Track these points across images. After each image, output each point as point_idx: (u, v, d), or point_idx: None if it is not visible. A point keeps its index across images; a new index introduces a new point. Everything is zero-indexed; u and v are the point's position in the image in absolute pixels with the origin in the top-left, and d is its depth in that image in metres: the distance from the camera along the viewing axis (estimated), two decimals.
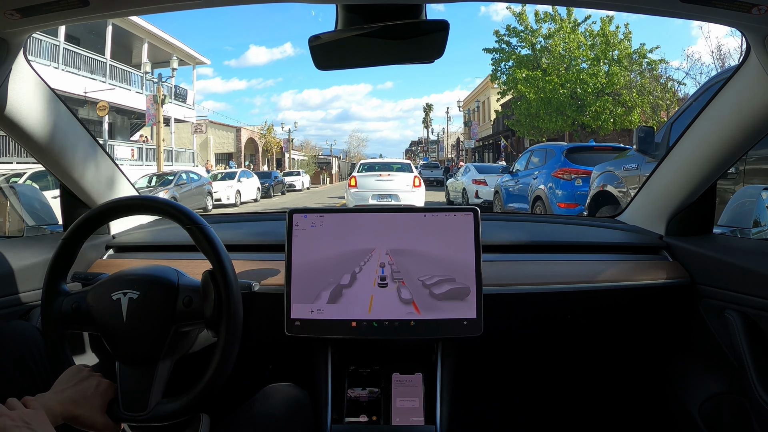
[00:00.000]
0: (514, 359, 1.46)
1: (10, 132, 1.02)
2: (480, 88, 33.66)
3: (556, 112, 15.75)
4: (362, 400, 1.09)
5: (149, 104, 15.86)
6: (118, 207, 0.88)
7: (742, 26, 0.80)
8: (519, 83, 15.95)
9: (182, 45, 19.57)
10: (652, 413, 1.31)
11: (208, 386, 0.77)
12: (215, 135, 26.98)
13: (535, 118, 16.41)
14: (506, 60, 16.67)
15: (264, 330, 1.14)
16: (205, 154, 24.90)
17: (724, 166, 1.08)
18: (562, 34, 15.32)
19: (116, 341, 0.80)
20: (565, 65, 15.47)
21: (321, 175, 36.72)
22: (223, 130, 27.98)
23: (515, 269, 1.16)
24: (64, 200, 1.25)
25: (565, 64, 15.46)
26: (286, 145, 33.36)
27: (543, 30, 15.79)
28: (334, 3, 0.77)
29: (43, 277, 0.82)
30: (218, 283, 0.79)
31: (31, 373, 0.84)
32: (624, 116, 14.96)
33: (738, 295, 1.02)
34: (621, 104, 15.00)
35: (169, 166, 16.84)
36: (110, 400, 0.77)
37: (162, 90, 16.00)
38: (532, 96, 15.80)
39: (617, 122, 15.15)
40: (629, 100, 14.68)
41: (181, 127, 21.55)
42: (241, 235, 1.37)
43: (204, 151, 24.97)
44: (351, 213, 1.09)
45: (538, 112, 16.05)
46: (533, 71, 15.70)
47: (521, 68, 15.85)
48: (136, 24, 16.06)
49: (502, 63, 16.77)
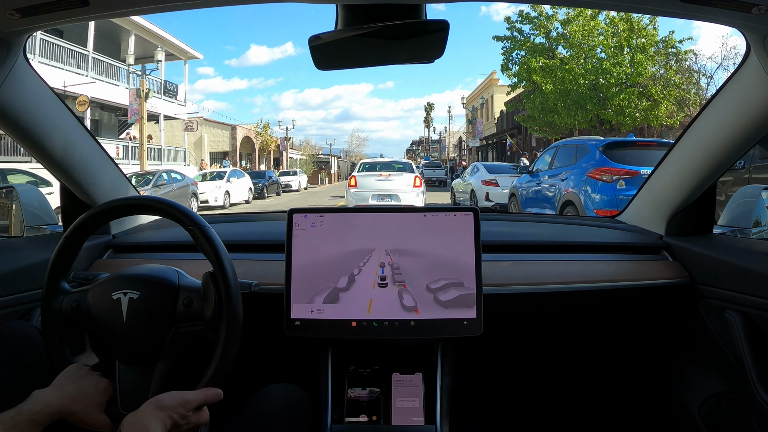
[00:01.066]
0: (514, 359, 1.46)
1: (10, 132, 1.02)
2: (484, 84, 32.64)
3: (575, 105, 14.15)
4: (362, 400, 1.09)
5: (132, 99, 14.78)
6: (122, 206, 0.88)
7: (742, 26, 0.80)
8: (534, 73, 14.33)
9: (173, 38, 18.43)
10: (652, 413, 1.31)
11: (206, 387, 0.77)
12: (210, 133, 25.63)
13: (550, 113, 14.91)
14: (518, 49, 15.27)
15: (264, 330, 1.14)
16: (200, 152, 23.97)
17: (724, 166, 1.08)
18: (580, 20, 13.89)
19: (116, 341, 0.80)
20: (584, 54, 14.04)
21: (319, 174, 34.86)
22: (218, 128, 26.66)
23: (515, 269, 1.16)
24: (64, 200, 1.24)
25: (584, 53, 14.07)
26: (283, 143, 32.03)
27: (560, 15, 14.37)
28: (334, 3, 0.77)
29: (43, 278, 0.82)
30: (219, 285, 0.79)
31: (31, 373, 0.84)
32: (650, 111, 13.44)
33: (738, 295, 1.02)
34: (647, 97, 13.49)
35: (157, 165, 15.82)
36: (109, 399, 0.77)
37: (146, 84, 14.88)
38: (548, 87, 14.19)
39: (642, 118, 13.67)
40: (656, 92, 13.27)
41: (175, 124, 20.63)
42: (241, 235, 1.37)
43: (198, 149, 24.15)
44: (351, 213, 1.09)
45: (555, 105, 14.51)
46: (549, 60, 14.33)
47: (536, 57, 14.45)
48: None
49: (514, 52, 15.39)
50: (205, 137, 24.69)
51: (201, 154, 23.75)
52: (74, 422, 0.72)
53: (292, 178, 24.56)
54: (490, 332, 1.02)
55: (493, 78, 29.88)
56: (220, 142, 26.48)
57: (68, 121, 1.12)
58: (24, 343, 0.86)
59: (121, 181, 1.32)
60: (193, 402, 0.71)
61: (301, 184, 25.35)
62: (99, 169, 1.24)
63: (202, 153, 24.10)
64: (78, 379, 0.75)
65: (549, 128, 15.84)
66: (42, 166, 1.14)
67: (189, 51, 19.90)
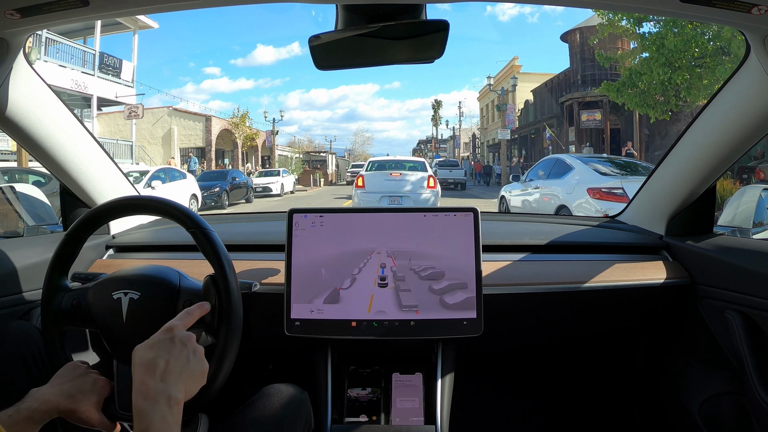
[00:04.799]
0: (513, 359, 1.46)
1: (10, 132, 1.02)
2: (503, 72, 26.66)
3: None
4: (362, 400, 1.10)
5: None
6: (127, 206, 0.88)
7: (742, 26, 0.80)
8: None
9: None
10: (653, 413, 1.31)
11: (205, 389, 0.77)
12: (180, 125, 21.09)
13: (677, 72, 10.25)
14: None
15: (264, 330, 1.14)
16: (169, 148, 20.09)
17: (724, 166, 1.08)
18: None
19: (115, 340, 0.80)
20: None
21: (313, 174, 27.35)
22: (190, 120, 21.63)
23: (515, 269, 1.16)
24: (64, 200, 1.25)
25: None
26: (270, 137, 26.79)
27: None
28: (334, 3, 0.77)
29: (43, 277, 0.82)
30: (219, 289, 0.79)
31: (31, 373, 0.84)
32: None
33: (738, 295, 1.02)
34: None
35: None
36: (106, 398, 0.77)
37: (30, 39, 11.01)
38: (671, 41, 9.91)
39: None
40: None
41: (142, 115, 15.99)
42: (241, 235, 1.37)
43: (167, 145, 20.27)
44: (351, 213, 1.09)
45: (689, 56, 9.88)
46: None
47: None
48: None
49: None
50: (175, 130, 20.91)
51: (171, 151, 20.16)
52: (71, 420, 0.72)
53: (273, 180, 19.35)
54: (490, 332, 1.02)
55: (515, 65, 25.99)
56: (193, 136, 21.91)
57: (68, 121, 1.12)
58: (24, 343, 0.86)
59: (121, 181, 1.32)
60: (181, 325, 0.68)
61: (285, 186, 19.98)
62: (99, 169, 1.24)
63: (171, 149, 20.43)
64: (76, 377, 0.75)
65: (661, 103, 11.24)
66: (42, 166, 1.14)
67: (140, 19, 15.18)
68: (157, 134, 20.93)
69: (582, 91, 18.40)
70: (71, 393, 0.72)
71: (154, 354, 0.62)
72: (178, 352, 0.63)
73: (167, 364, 0.61)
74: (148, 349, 0.62)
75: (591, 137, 18.17)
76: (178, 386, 0.60)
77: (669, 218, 1.23)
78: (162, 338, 0.64)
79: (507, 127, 21.08)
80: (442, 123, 45.10)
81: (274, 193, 18.74)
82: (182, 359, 0.63)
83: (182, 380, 0.61)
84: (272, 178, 19.48)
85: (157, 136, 20.94)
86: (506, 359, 1.45)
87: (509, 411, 1.46)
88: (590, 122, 18.04)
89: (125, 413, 0.76)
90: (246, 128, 24.36)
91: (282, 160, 29.03)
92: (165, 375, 0.60)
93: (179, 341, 0.64)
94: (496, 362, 1.46)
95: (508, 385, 1.48)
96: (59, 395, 0.71)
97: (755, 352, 1.01)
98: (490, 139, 31.47)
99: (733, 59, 9.77)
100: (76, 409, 0.72)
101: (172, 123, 20.85)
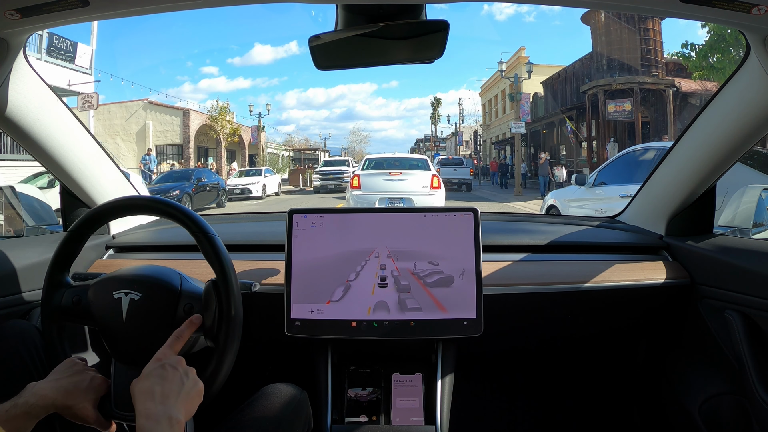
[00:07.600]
0: (513, 359, 1.46)
1: (10, 132, 1.02)
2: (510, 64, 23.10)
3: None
4: (362, 400, 1.10)
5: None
6: (131, 205, 0.88)
7: (742, 26, 0.80)
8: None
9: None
10: (653, 413, 1.31)
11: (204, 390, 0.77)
12: (156, 120, 19.45)
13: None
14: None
15: (264, 330, 1.14)
16: (144, 146, 18.23)
17: (724, 166, 1.08)
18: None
19: (114, 339, 0.80)
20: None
21: (303, 174, 23.03)
22: (167, 114, 19.72)
23: (515, 269, 1.16)
24: (64, 200, 1.25)
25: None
26: (255, 133, 24.31)
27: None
28: (334, 3, 0.77)
29: (43, 278, 0.82)
30: (220, 294, 0.79)
31: (31, 373, 0.84)
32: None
33: (738, 295, 1.02)
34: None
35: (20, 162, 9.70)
36: (103, 397, 0.77)
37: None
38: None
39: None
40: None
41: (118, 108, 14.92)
42: (241, 235, 1.37)
43: (142, 142, 18.67)
44: (351, 213, 1.09)
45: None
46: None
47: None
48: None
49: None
50: (150, 125, 19.31)
51: (145, 149, 18.10)
52: (68, 416, 0.73)
53: (253, 180, 16.81)
54: (490, 332, 1.02)
55: (521, 56, 23.22)
56: (169, 132, 19.96)
57: (68, 121, 1.12)
58: (24, 343, 0.86)
59: (121, 181, 1.32)
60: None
61: (269, 187, 17.35)
62: (99, 169, 1.24)
63: (146, 145, 18.56)
64: (73, 374, 0.75)
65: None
66: (42, 165, 1.14)
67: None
68: (131, 130, 19.31)
69: (609, 78, 15.78)
70: (68, 389, 0.72)
71: (150, 383, 0.66)
72: (171, 377, 0.68)
73: (163, 389, 0.66)
74: (143, 380, 0.67)
75: (616, 131, 15.92)
76: (177, 407, 0.65)
77: (669, 218, 1.23)
78: (154, 367, 0.69)
79: (521, 120, 17.37)
80: (443, 120, 44.11)
81: (254, 195, 16.31)
82: (176, 383, 0.67)
83: (180, 401, 0.66)
84: (252, 179, 17.01)
85: (131, 132, 19.32)
86: (506, 359, 1.45)
87: (509, 411, 1.46)
88: (618, 113, 15.38)
89: (121, 412, 0.76)
90: (227, 122, 22.00)
91: (271, 158, 27.02)
92: (164, 399, 0.65)
93: (170, 367, 0.69)
94: (496, 362, 1.45)
95: (508, 385, 1.47)
96: (56, 391, 0.71)
97: (755, 352, 1.01)
98: (494, 136, 29.91)
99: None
100: (72, 406, 0.72)
101: (147, 117, 19.18)
